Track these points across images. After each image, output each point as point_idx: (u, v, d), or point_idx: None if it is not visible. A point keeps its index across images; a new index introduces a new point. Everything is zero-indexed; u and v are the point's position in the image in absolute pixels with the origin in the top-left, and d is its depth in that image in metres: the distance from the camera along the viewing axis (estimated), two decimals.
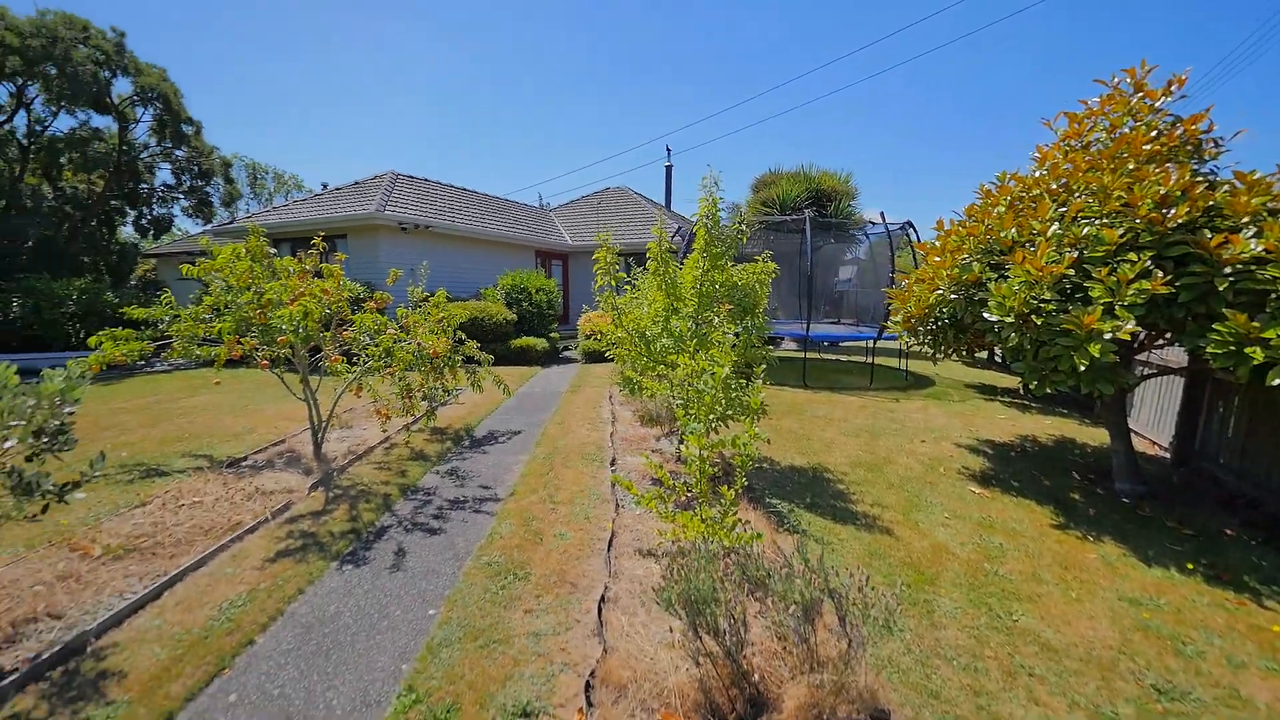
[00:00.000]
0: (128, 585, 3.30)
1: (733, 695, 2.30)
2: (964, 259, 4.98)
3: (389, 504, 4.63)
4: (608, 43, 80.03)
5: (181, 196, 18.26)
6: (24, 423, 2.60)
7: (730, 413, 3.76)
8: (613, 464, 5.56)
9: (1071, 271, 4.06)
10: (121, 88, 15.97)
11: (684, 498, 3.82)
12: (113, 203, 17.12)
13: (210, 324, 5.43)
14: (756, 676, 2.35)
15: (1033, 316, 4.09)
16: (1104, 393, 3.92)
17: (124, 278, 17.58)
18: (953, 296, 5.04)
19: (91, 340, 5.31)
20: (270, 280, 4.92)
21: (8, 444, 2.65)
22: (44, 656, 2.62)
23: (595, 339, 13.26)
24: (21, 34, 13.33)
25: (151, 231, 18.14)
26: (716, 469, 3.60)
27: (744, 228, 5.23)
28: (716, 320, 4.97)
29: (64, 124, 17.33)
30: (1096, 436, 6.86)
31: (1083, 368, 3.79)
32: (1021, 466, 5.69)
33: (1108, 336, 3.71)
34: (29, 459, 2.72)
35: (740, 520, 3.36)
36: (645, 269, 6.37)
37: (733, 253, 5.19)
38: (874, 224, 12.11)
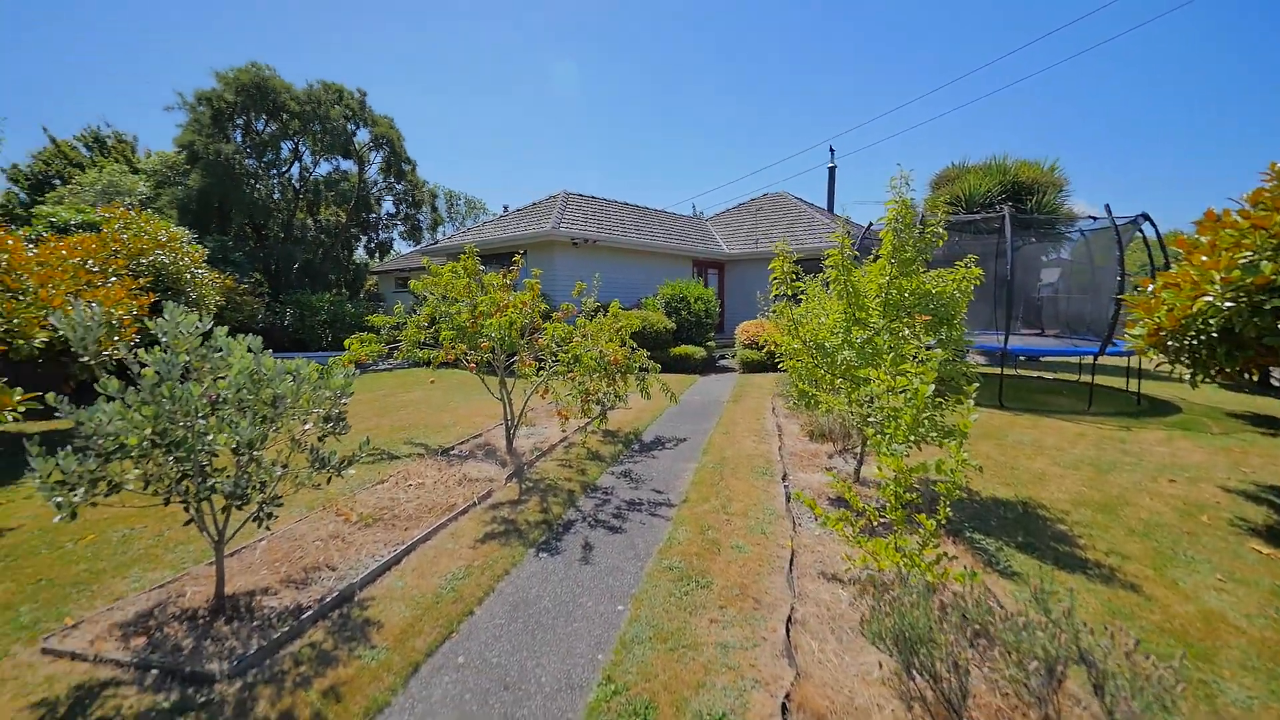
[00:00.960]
0: (376, 549, 3.95)
1: None
2: (1246, 257, 3.99)
3: (573, 500, 4.97)
4: (770, 46, 78.85)
5: (399, 223, 21.72)
6: (321, 410, 3.25)
7: (934, 435, 3.42)
8: (784, 479, 5.39)
9: None
10: (361, 136, 19.49)
11: (873, 523, 3.56)
12: (351, 230, 20.92)
13: (428, 330, 6.36)
14: None
15: None
16: None
17: (357, 292, 21.40)
18: (1227, 304, 4.07)
19: (346, 342, 6.49)
20: (480, 294, 5.60)
21: (307, 426, 3.33)
22: (327, 600, 3.24)
23: (754, 349, 13.07)
24: (299, 101, 16.98)
25: (377, 253, 21.86)
26: (916, 494, 3.29)
27: (941, 230, 4.76)
28: (907, 332, 4.58)
29: (322, 169, 21.52)
30: None
31: None
32: None
33: None
34: (320, 439, 3.39)
35: (945, 554, 3.03)
36: (813, 276, 6.12)
37: (927, 257, 4.75)
38: (1093, 218, 10.30)
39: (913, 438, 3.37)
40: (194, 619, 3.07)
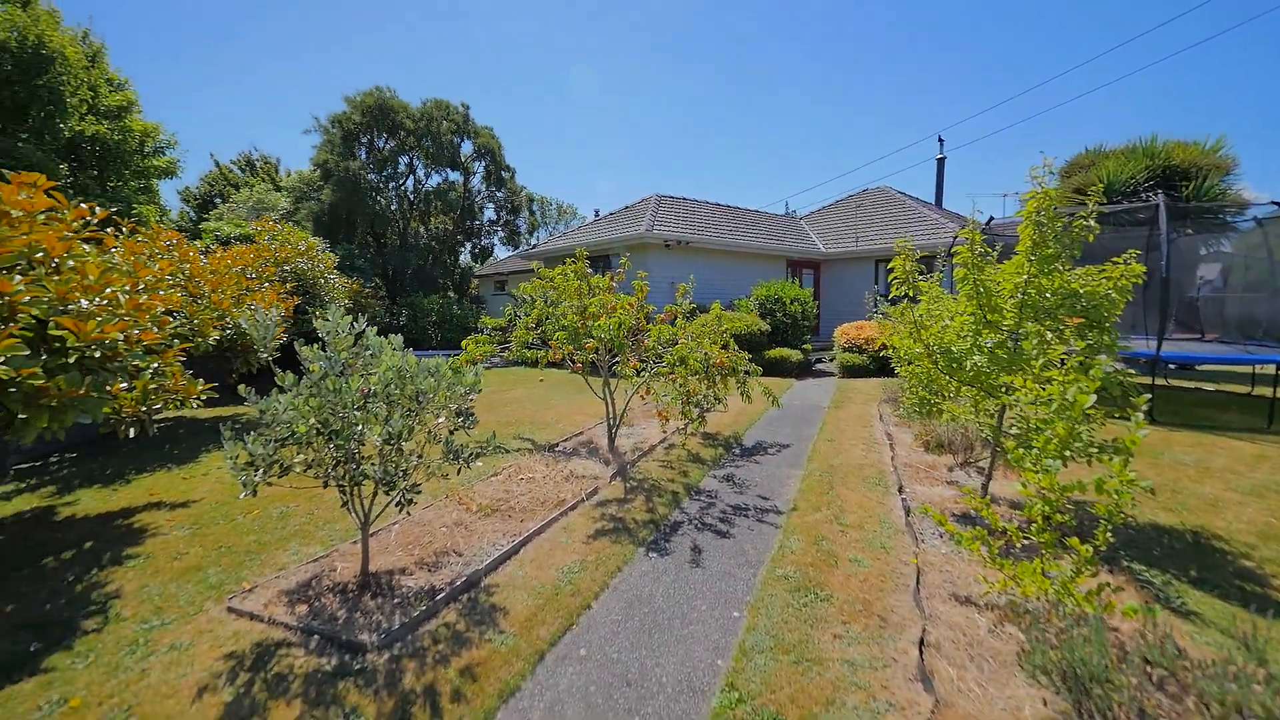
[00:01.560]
0: (496, 538, 4.16)
1: None
2: None
3: (678, 501, 4.98)
4: (872, 35, 75.20)
5: (499, 229, 22.92)
6: (454, 405, 3.47)
7: (1092, 450, 3.07)
8: (900, 491, 5.07)
9: None
10: (465, 148, 20.76)
11: (1014, 544, 3.25)
12: (457, 237, 22.34)
13: (535, 331, 6.63)
14: None
15: None
16: None
17: (462, 294, 22.84)
18: None
19: (464, 343, 6.92)
20: (588, 296, 5.77)
21: (439, 420, 3.57)
22: (457, 584, 3.45)
23: (855, 352, 12.46)
24: (414, 119, 18.42)
25: (479, 257, 23.22)
26: (1069, 515, 2.97)
27: (1093, 224, 4.27)
28: (1050, 336, 4.16)
29: (433, 181, 23.08)
30: None
31: None
32: None
33: None
34: (450, 432, 3.62)
35: (1105, 584, 2.71)
36: (925, 276, 5.71)
37: (1075, 253, 4.28)
38: (1276, 204, 8.86)
39: (1067, 453, 3.04)
40: (344, 592, 3.39)
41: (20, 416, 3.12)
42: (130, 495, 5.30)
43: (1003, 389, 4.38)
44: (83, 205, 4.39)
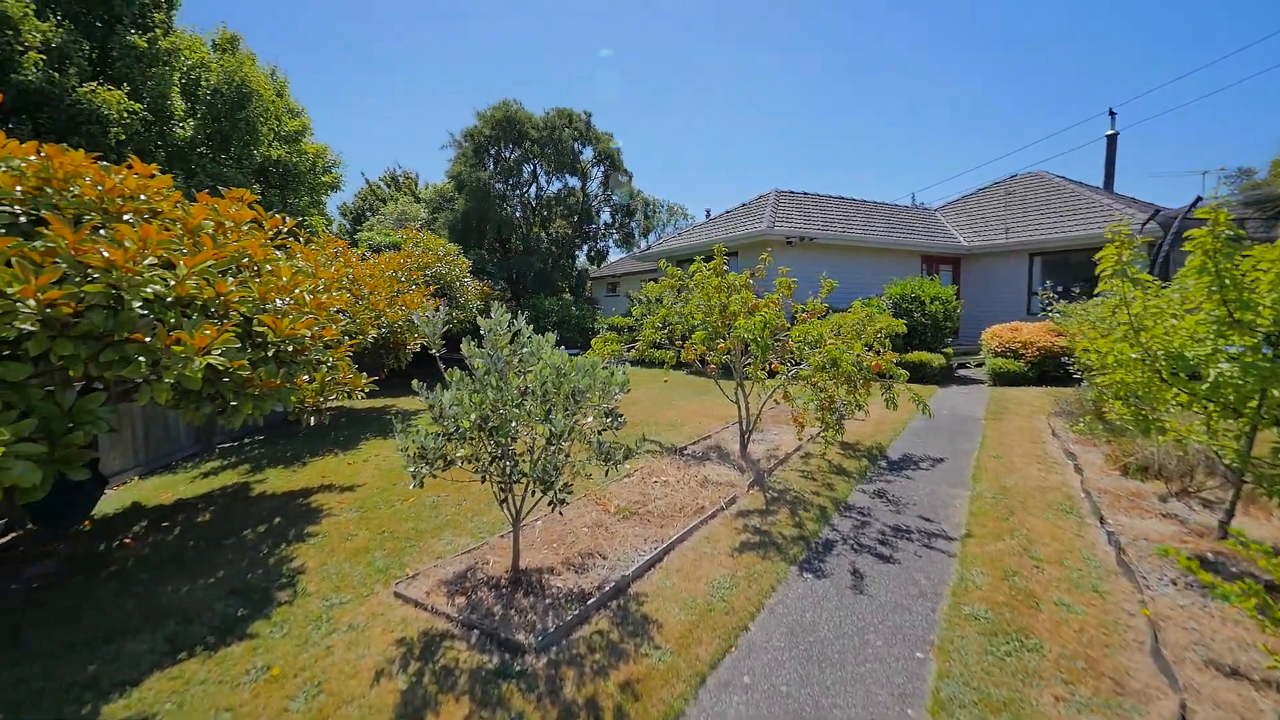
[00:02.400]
0: (637, 543, 4.03)
1: None
2: None
3: (825, 517, 4.57)
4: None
5: (614, 232, 23.37)
6: (605, 405, 3.37)
7: None
8: (1102, 522, 4.27)
9: None
10: (585, 155, 21.38)
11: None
12: (575, 240, 23.09)
13: (661, 331, 6.49)
14: None
15: None
16: None
17: (579, 296, 23.60)
18: None
19: (594, 342, 6.96)
20: (727, 294, 5.51)
21: (588, 420, 3.48)
22: (605, 589, 3.35)
23: (1010, 357, 11.06)
24: (538, 128, 19.31)
25: (595, 260, 23.87)
26: None
27: None
28: None
29: (554, 187, 24.03)
30: None
31: None
32: None
33: None
34: (599, 432, 3.53)
35: None
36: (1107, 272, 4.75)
37: None
38: None
39: None
40: (498, 587, 3.41)
41: (232, 403, 3.47)
42: (306, 477, 5.87)
43: (1258, 406, 3.52)
44: (275, 216, 4.90)
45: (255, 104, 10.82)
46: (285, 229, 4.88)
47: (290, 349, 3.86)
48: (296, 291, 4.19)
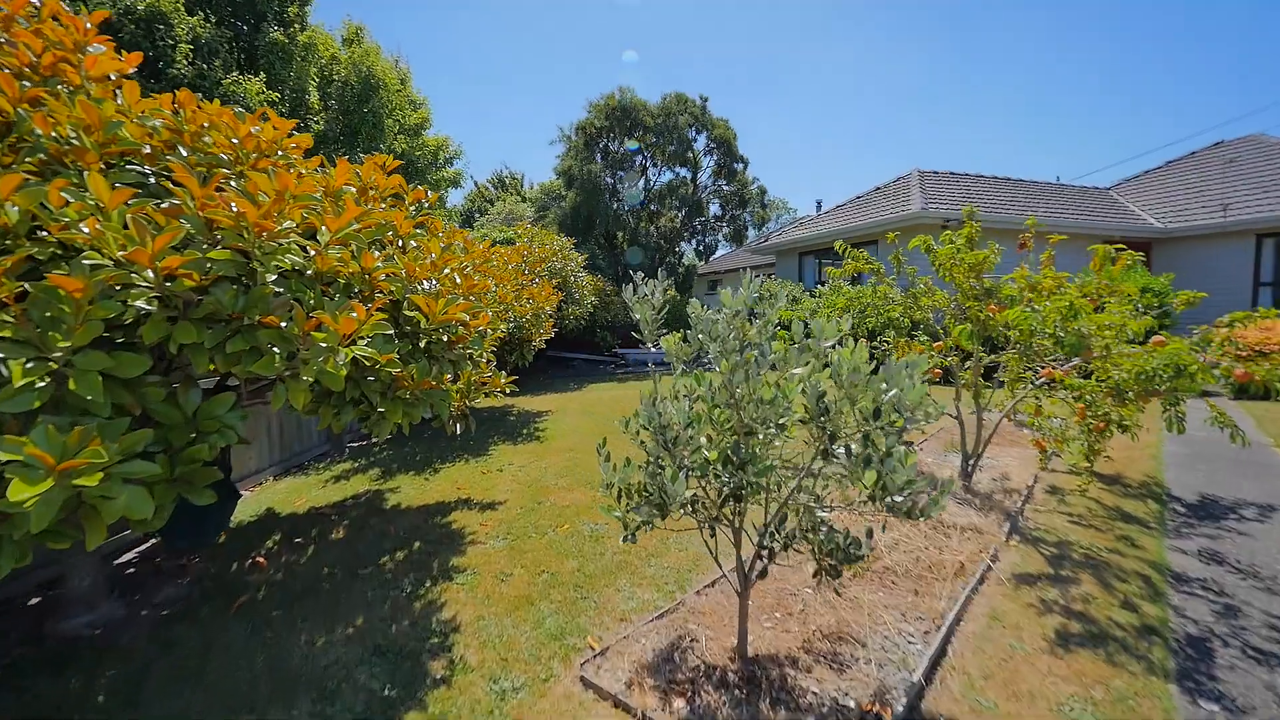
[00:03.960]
0: (892, 617, 2.84)
1: None
2: None
3: (1157, 592, 3.12)
4: None
5: (724, 225, 22.06)
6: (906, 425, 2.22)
7: None
8: None
9: None
10: (699, 143, 20.28)
11: None
12: (683, 234, 22.07)
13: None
14: None
15: None
16: None
17: (685, 292, 22.54)
18: None
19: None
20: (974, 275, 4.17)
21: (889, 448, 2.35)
22: (895, 709, 2.20)
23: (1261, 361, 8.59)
24: (653, 115, 18.50)
25: (704, 255, 22.72)
26: None
27: None
28: None
29: (664, 178, 23.06)
30: None
31: None
32: None
33: None
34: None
35: None
36: None
37: None
38: None
39: None
40: (725, 685, 2.36)
41: (379, 410, 2.70)
42: (440, 488, 5.22)
43: None
44: (418, 188, 4.20)
45: (381, 95, 10.75)
46: (429, 202, 4.17)
47: (445, 339, 3.06)
48: (446, 271, 3.41)
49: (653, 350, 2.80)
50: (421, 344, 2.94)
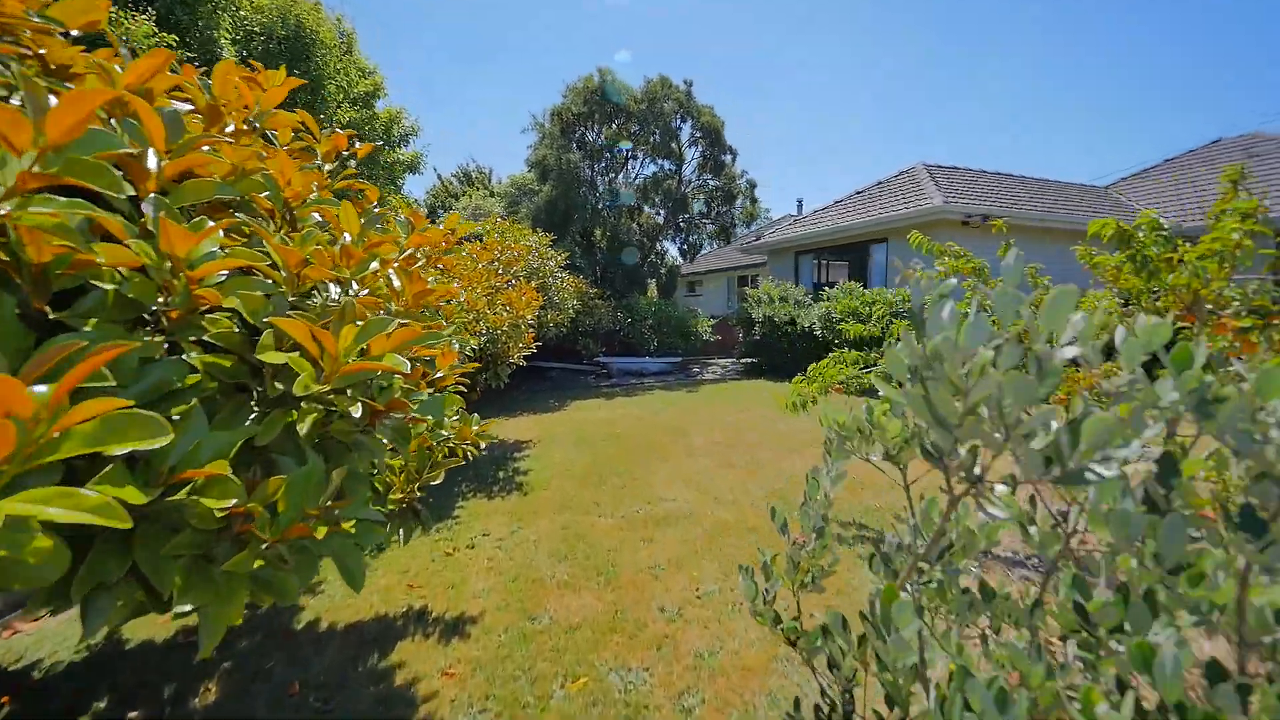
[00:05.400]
0: None
1: None
2: None
3: None
4: None
5: (709, 223, 20.67)
6: None
7: None
8: None
9: None
10: (684, 133, 18.84)
11: None
12: (667, 231, 20.60)
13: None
14: None
15: None
16: None
17: (669, 295, 21.08)
18: None
19: (823, 365, 4.38)
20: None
21: None
22: None
23: None
24: (636, 99, 16.98)
25: (689, 254, 21.28)
26: None
27: None
28: None
29: (648, 170, 21.48)
30: None
31: None
32: None
33: None
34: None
35: None
36: None
37: None
38: None
39: None
40: None
41: (192, 608, 1.10)
42: (383, 587, 3.60)
43: None
44: (337, 133, 2.57)
45: (318, 54, 8.88)
46: (353, 153, 2.54)
47: (357, 409, 1.48)
48: (373, 267, 1.82)
49: (649, 360, 1.47)
50: (302, 424, 1.35)
